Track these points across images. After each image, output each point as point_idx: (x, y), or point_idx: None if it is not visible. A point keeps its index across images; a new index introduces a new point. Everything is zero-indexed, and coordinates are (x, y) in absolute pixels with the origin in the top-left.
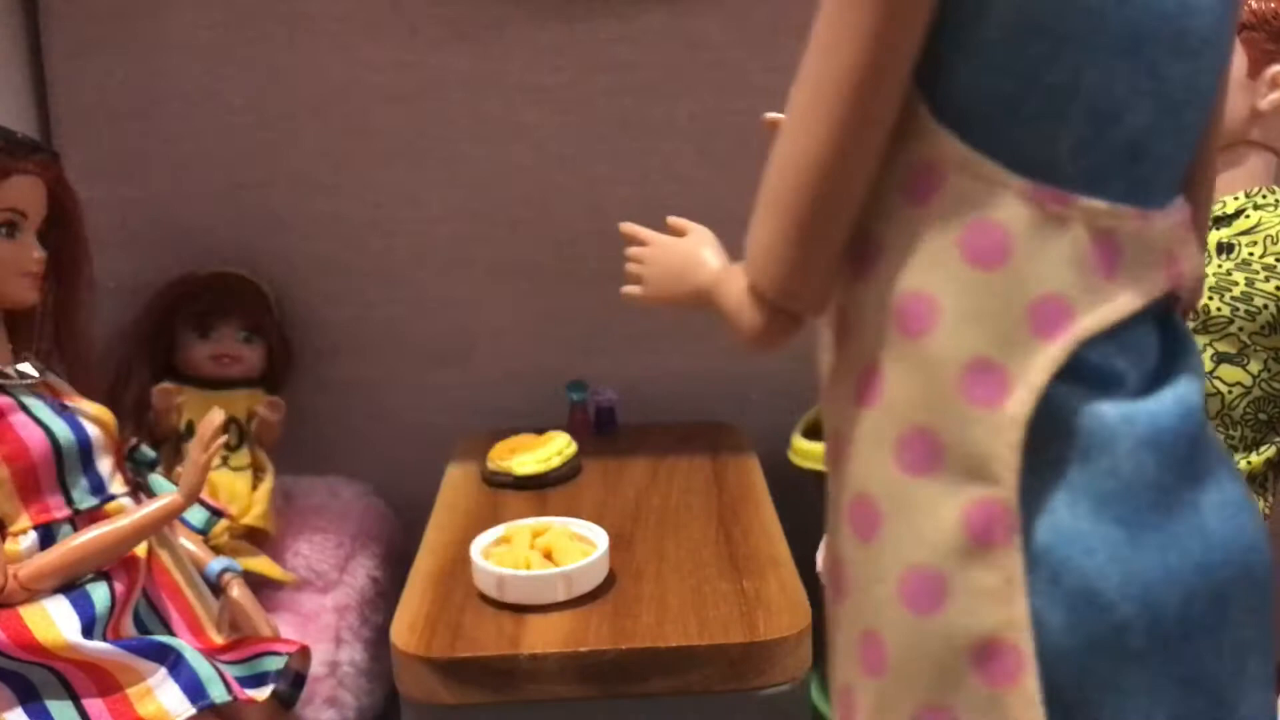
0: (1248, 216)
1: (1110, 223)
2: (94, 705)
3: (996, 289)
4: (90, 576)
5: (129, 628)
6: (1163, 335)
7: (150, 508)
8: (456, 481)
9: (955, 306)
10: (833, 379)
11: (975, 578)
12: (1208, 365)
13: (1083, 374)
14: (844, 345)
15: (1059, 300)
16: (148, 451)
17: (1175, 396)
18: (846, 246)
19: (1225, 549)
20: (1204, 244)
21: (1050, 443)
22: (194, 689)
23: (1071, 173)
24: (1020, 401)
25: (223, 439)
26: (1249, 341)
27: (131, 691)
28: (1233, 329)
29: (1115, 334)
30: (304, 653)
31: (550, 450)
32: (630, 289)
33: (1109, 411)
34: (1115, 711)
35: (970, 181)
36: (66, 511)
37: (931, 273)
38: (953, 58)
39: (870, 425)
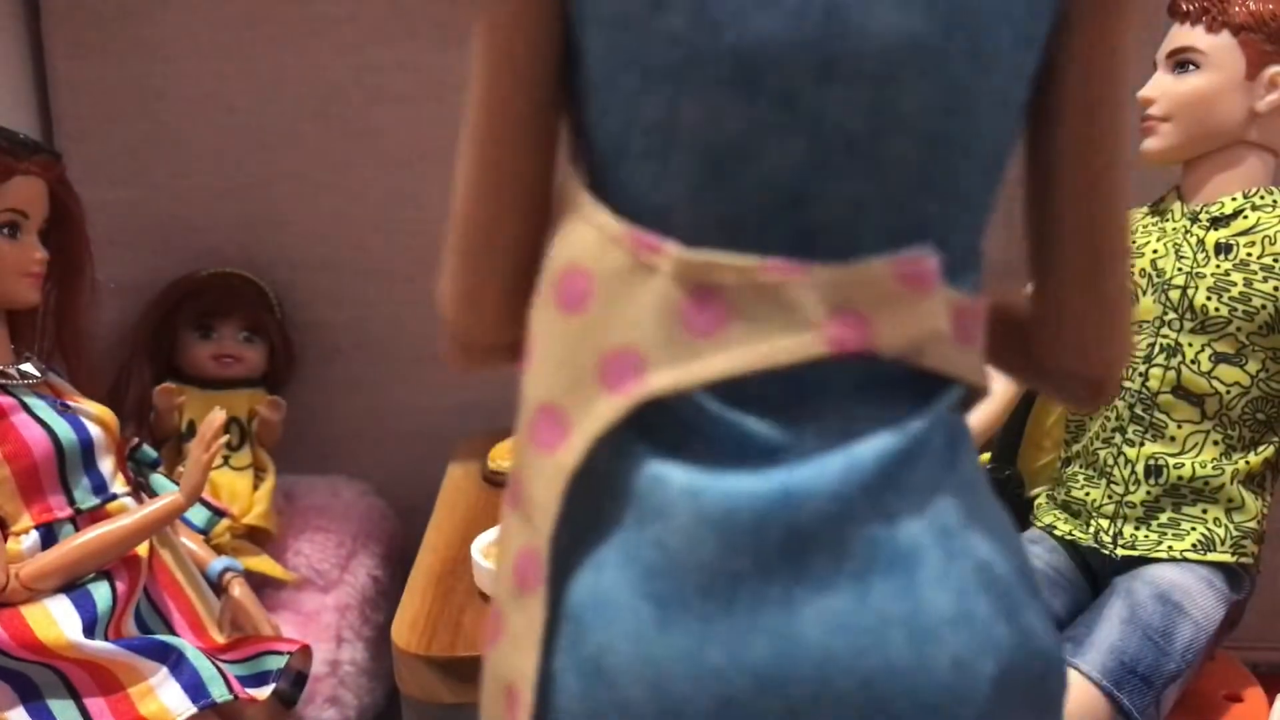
0: (1245, 217)
1: (713, 276)
2: (95, 704)
3: (574, 336)
4: (92, 576)
5: (130, 627)
6: (850, 401)
7: (152, 507)
8: (457, 481)
9: (542, 350)
10: None
11: (513, 621)
12: (1206, 365)
13: (658, 433)
14: None
15: (632, 353)
16: (149, 451)
17: (803, 478)
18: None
19: (822, 665)
20: (1114, 309)
21: (605, 500)
22: (195, 688)
23: (694, 218)
24: (571, 449)
25: (224, 439)
26: (1247, 341)
27: (133, 690)
28: (1231, 329)
29: (730, 394)
30: (305, 652)
31: None
32: None
33: (675, 478)
34: None
35: (580, 225)
36: (68, 511)
37: (537, 314)
38: (575, 100)
39: None
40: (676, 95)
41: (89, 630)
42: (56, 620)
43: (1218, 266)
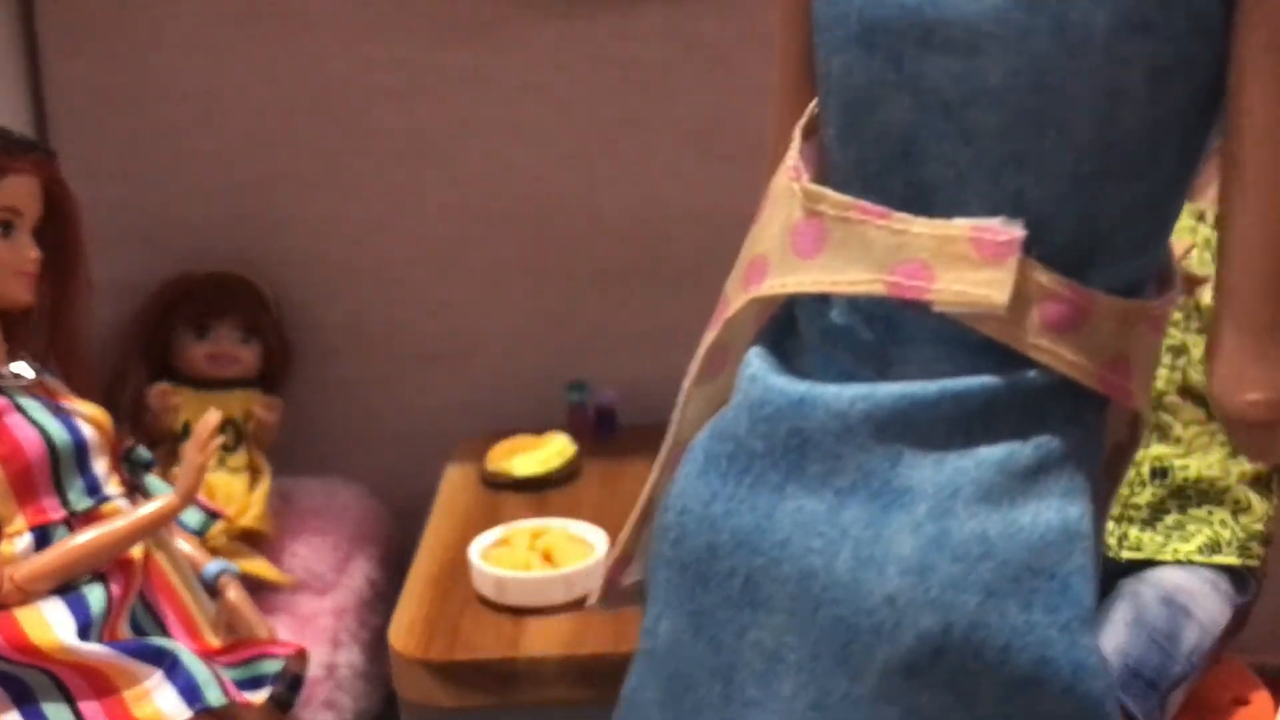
0: None
1: (818, 207)
2: (90, 708)
3: (749, 239)
4: (86, 578)
5: (125, 630)
6: (932, 354)
7: (146, 509)
8: (455, 483)
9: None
10: None
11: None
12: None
13: (772, 330)
14: None
15: (763, 260)
16: (144, 452)
17: (821, 393)
18: None
19: (780, 547)
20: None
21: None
22: (190, 692)
23: (840, 159)
24: (714, 328)
25: (219, 440)
26: None
27: (128, 694)
28: None
29: (809, 309)
30: (301, 655)
31: (550, 451)
32: None
33: (753, 365)
34: (650, 597)
35: (789, 153)
36: (62, 513)
37: None
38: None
39: None
40: (828, 50)
41: (83, 633)
42: (50, 623)
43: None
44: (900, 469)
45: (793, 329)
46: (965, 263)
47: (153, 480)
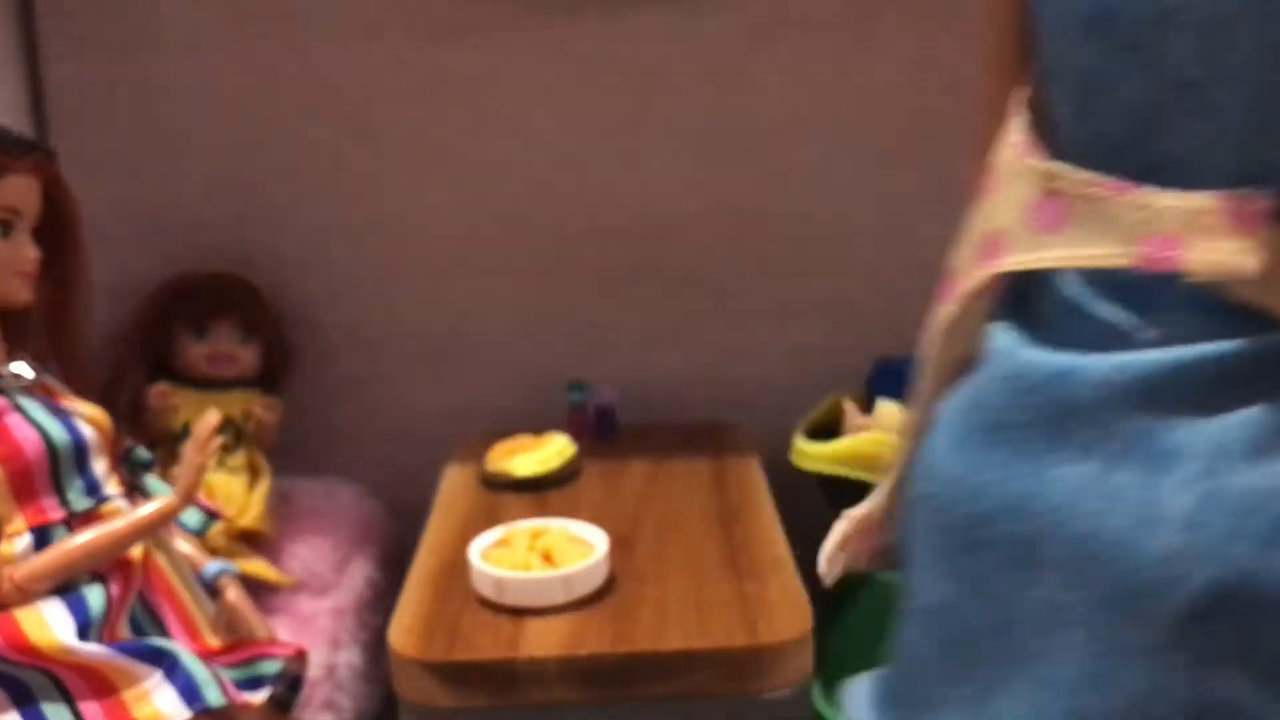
0: None
1: (1057, 184)
2: (89, 708)
3: (977, 217)
4: (85, 579)
5: (125, 630)
6: (1129, 308)
7: (146, 510)
8: (455, 483)
9: (964, 227)
10: None
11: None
12: None
13: (1013, 307)
14: None
15: (999, 236)
16: (143, 453)
17: (1083, 364)
18: None
19: (1054, 512)
20: None
21: (971, 346)
22: (190, 692)
23: (1074, 136)
24: (951, 302)
25: (218, 440)
26: None
27: (127, 695)
28: None
29: (1077, 290)
30: (301, 656)
31: (549, 451)
32: None
33: (1000, 340)
34: (911, 565)
35: (1009, 132)
36: (61, 513)
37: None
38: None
39: None
40: (1054, 29)
41: (82, 633)
42: (50, 623)
43: None
44: (1166, 432)
45: (1026, 303)
46: (1215, 233)
47: (152, 480)
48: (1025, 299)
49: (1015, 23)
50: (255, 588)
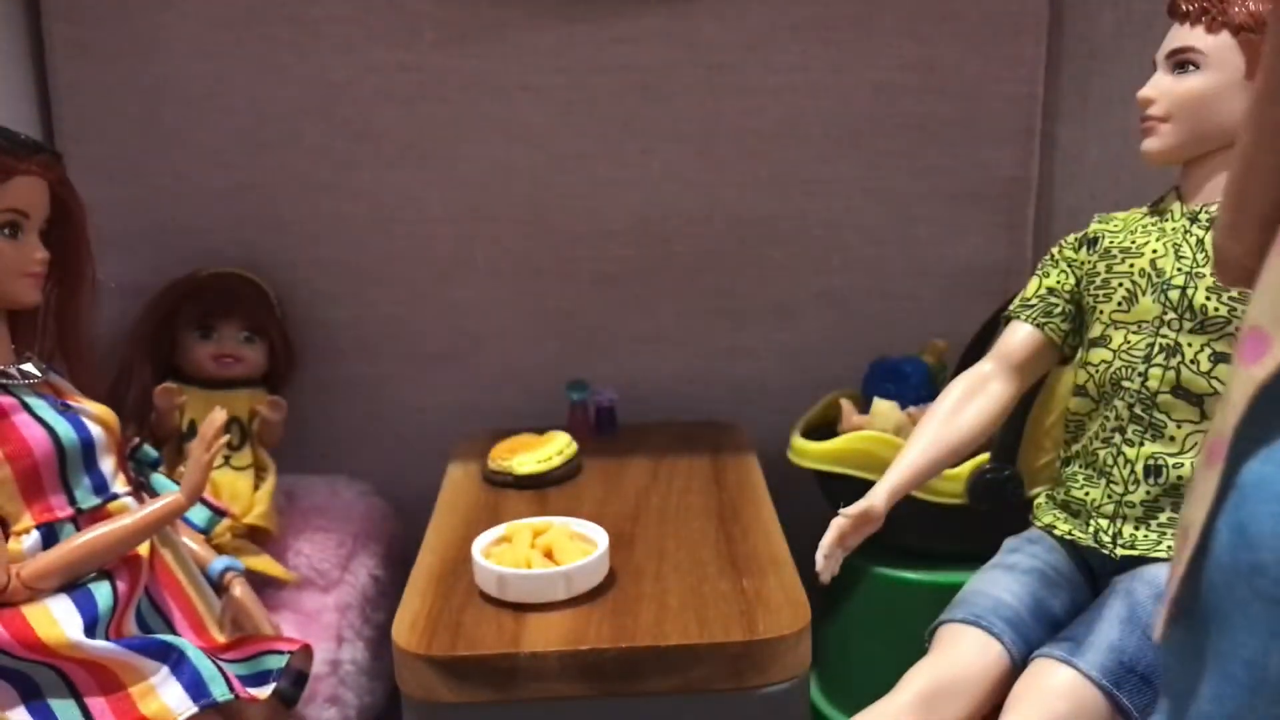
0: None
1: None
2: (97, 704)
3: (1278, 268)
4: (93, 575)
5: (131, 626)
6: None
7: (153, 507)
8: (457, 481)
9: (1264, 282)
10: None
11: (1198, 481)
12: (1205, 365)
13: None
14: None
15: None
16: (150, 451)
17: None
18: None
19: None
20: None
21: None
22: (196, 687)
23: None
24: (1263, 365)
25: (225, 439)
26: None
27: (134, 690)
28: (1230, 329)
29: None
30: (306, 651)
31: (550, 450)
32: None
33: None
34: (1235, 636)
35: None
36: (69, 511)
37: (1271, 252)
38: None
39: None
40: None
41: (90, 630)
42: (57, 620)
43: None
44: None
45: None
46: None
47: (159, 478)
48: None
49: None
50: (260, 584)
